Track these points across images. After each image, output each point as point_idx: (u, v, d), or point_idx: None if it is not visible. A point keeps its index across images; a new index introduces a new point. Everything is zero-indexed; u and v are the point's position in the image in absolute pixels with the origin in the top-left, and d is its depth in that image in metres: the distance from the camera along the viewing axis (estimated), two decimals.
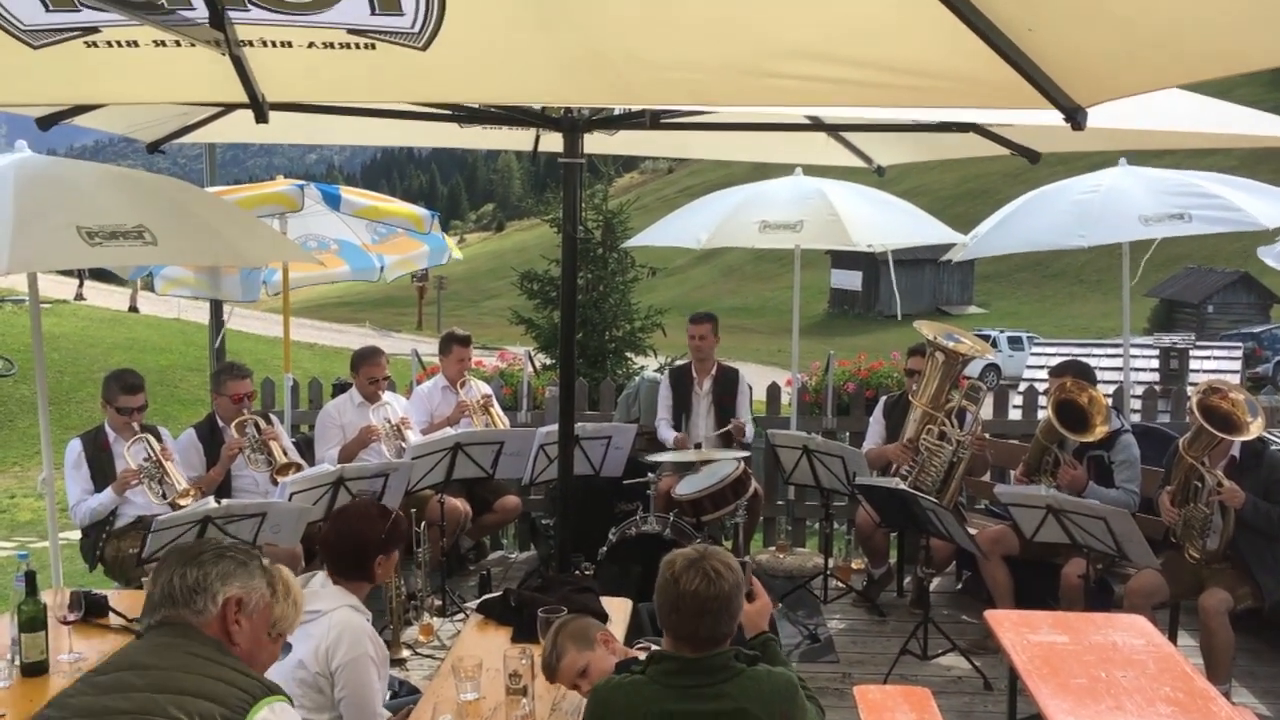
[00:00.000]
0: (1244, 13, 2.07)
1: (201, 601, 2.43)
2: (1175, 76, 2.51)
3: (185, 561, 2.48)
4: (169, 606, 2.42)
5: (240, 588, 2.48)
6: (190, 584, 2.44)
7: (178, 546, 2.62)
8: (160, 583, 2.46)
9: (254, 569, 2.55)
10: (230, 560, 2.51)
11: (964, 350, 6.21)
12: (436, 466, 6.03)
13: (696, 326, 7.13)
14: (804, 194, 7.00)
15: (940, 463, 6.14)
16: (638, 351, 13.22)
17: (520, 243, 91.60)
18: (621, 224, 13.57)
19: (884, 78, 2.64)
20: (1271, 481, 5.08)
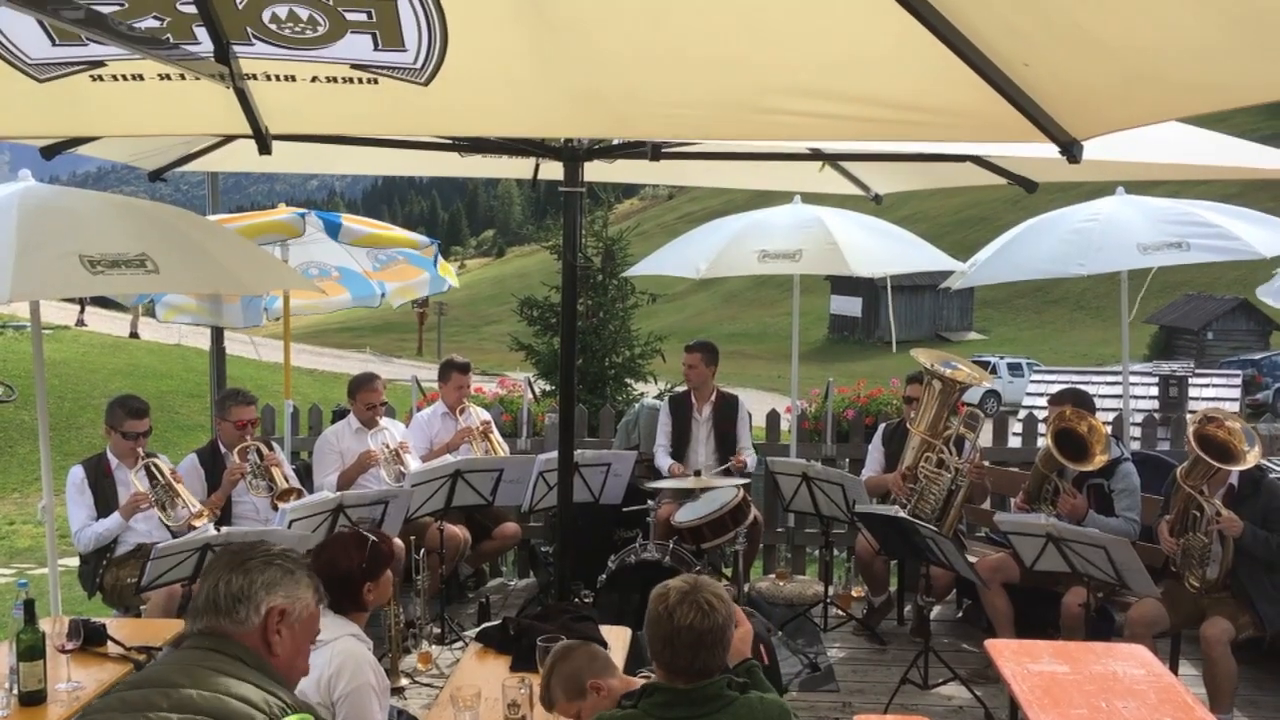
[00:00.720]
0: (1237, 49, 2.10)
1: (244, 611, 2.40)
2: (1169, 111, 2.53)
3: (232, 567, 2.45)
4: (212, 614, 2.40)
5: (285, 597, 2.45)
6: (234, 592, 2.41)
7: (228, 549, 2.58)
8: (206, 588, 2.44)
9: (300, 578, 2.52)
10: (277, 568, 2.48)
11: (961, 378, 6.22)
12: (436, 494, 6.03)
13: (687, 355, 7.19)
14: (803, 222, 7.03)
15: (939, 490, 6.14)
16: (637, 378, 13.23)
17: (521, 269, 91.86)
18: (622, 251, 13.61)
19: (882, 113, 2.67)
20: (1270, 509, 5.09)
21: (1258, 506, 5.09)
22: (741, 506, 6.27)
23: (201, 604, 2.41)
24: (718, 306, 71.23)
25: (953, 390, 6.21)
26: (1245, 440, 5.01)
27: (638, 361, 13.23)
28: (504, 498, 6.38)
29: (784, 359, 44.37)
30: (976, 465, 6.22)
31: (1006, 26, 2.24)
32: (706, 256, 7.03)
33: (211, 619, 2.39)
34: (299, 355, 30.70)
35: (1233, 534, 5.01)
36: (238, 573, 2.43)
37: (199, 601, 2.42)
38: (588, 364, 12.52)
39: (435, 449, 6.90)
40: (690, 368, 7.15)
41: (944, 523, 6.10)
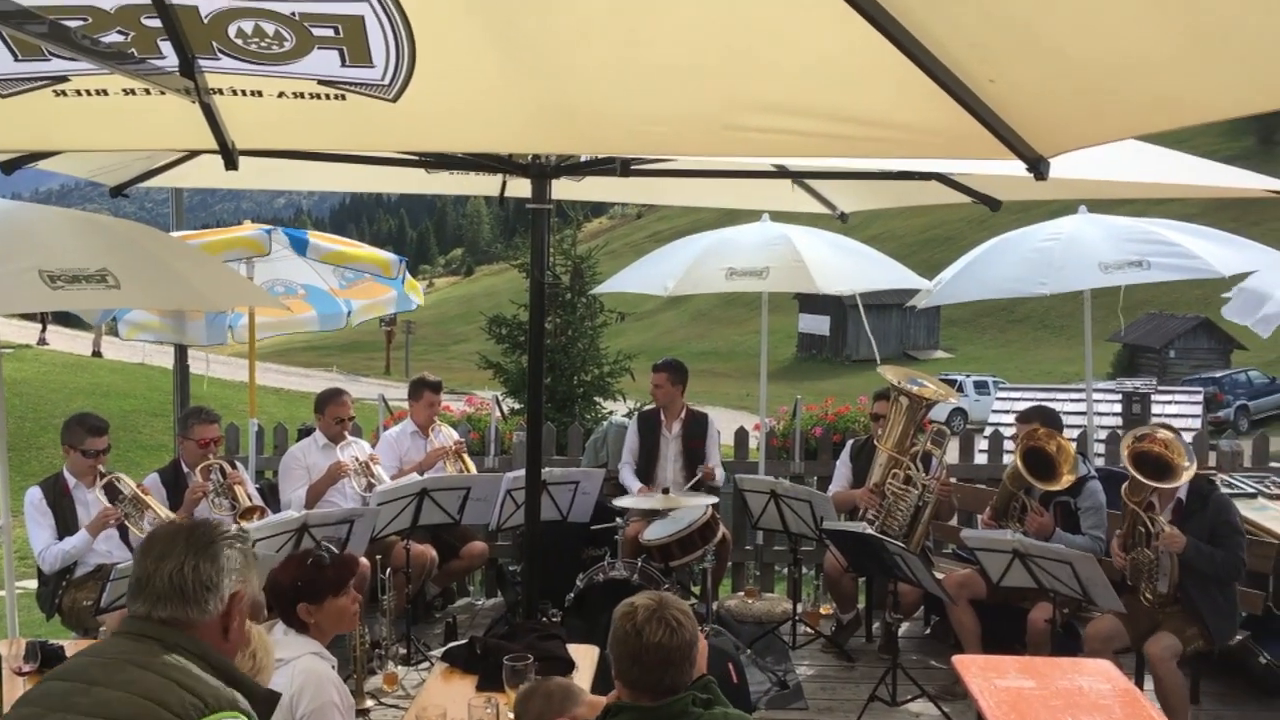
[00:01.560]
0: (1200, 65, 2.12)
1: (212, 601, 2.26)
2: (1135, 127, 2.56)
3: (199, 551, 2.27)
4: (177, 602, 2.22)
5: (241, 581, 2.33)
6: (205, 580, 2.25)
7: (183, 526, 2.38)
8: (168, 570, 2.24)
9: (250, 559, 2.39)
10: (238, 551, 2.35)
11: (928, 395, 6.25)
12: (402, 512, 5.99)
13: (654, 375, 7.22)
14: (770, 240, 7.06)
15: (906, 507, 6.16)
16: (606, 396, 13.20)
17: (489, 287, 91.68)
18: (590, 269, 13.60)
19: (848, 129, 2.68)
20: (1217, 523, 5.11)
21: (1205, 521, 5.12)
22: (710, 524, 6.26)
23: (164, 589, 2.23)
24: (686, 325, 71.35)
25: (920, 407, 6.24)
26: (1183, 454, 5.05)
27: (606, 380, 13.20)
28: (471, 516, 6.34)
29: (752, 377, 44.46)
30: (944, 482, 6.25)
31: (972, 43, 2.27)
32: (674, 273, 7.05)
33: (176, 608, 2.22)
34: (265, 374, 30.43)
35: (1174, 550, 5.05)
36: (206, 559, 2.27)
37: (158, 584, 2.23)
38: (556, 382, 12.49)
39: (405, 468, 6.86)
40: (656, 387, 7.17)
41: (911, 539, 6.12)
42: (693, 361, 7.97)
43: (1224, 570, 5.06)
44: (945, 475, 6.33)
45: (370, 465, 6.52)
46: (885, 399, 6.54)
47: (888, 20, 2.23)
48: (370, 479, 6.45)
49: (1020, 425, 5.88)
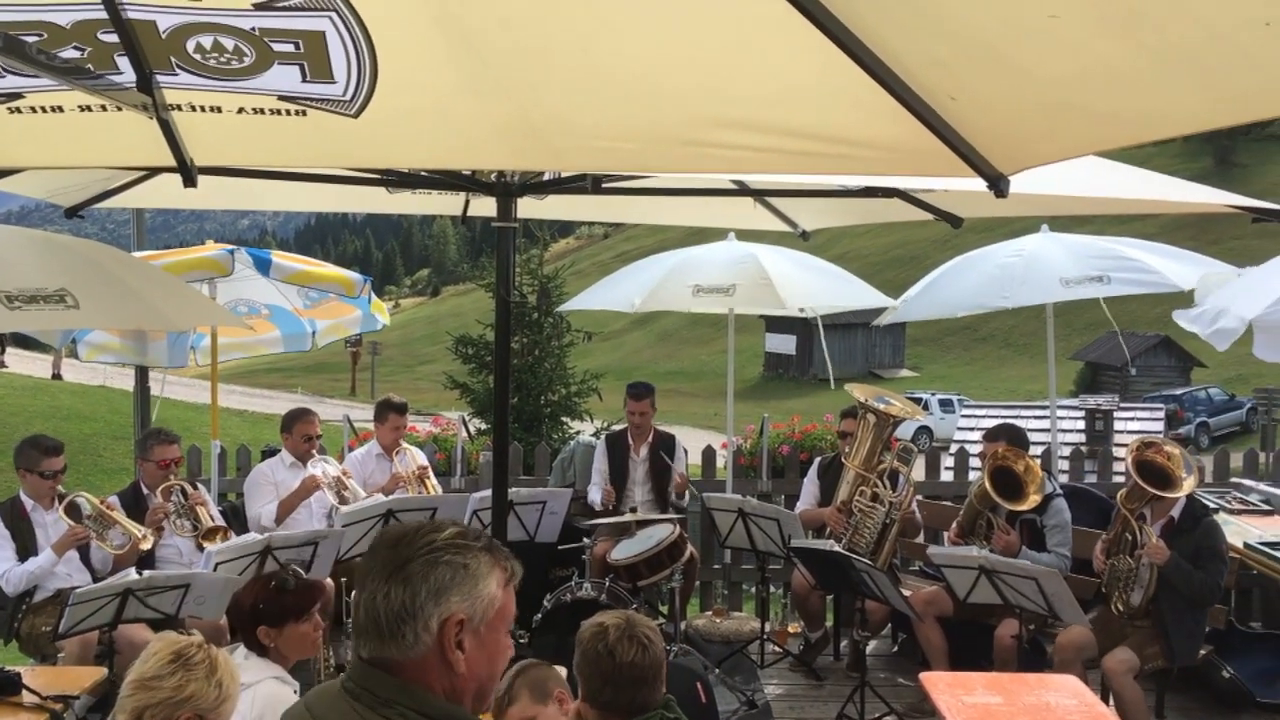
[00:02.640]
0: (1160, 79, 2.14)
1: (411, 633, 1.86)
2: (1095, 142, 2.58)
3: (390, 574, 1.89)
4: (375, 639, 1.88)
5: (461, 601, 1.88)
6: (396, 609, 1.87)
7: (383, 540, 1.97)
8: (363, 601, 1.91)
9: (477, 568, 1.92)
10: (445, 566, 1.90)
11: (895, 412, 6.27)
12: (368, 533, 5.92)
13: (636, 403, 7.13)
14: (736, 258, 7.08)
15: (874, 524, 6.17)
16: (573, 416, 13.21)
17: (456, 307, 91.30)
18: (557, 288, 13.62)
19: (809, 146, 2.69)
20: (1202, 546, 5.15)
21: (1192, 541, 5.15)
22: (678, 543, 6.24)
23: (362, 623, 1.91)
24: (654, 345, 71.41)
25: (887, 425, 6.26)
26: (1183, 467, 5.10)
27: (574, 400, 13.22)
28: None
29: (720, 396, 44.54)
30: (905, 511, 6.24)
31: (931, 59, 2.28)
32: (642, 290, 7.06)
33: (376, 645, 1.88)
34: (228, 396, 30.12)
35: (1157, 561, 5.08)
36: (397, 583, 1.88)
37: (359, 619, 1.92)
38: (523, 402, 12.47)
39: (369, 491, 6.79)
40: (641, 415, 7.12)
41: (879, 556, 6.12)
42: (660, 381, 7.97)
43: (1200, 592, 5.09)
44: (911, 493, 6.35)
45: (344, 480, 6.48)
46: (853, 417, 6.56)
47: (848, 37, 2.24)
48: (346, 492, 6.40)
49: (987, 443, 5.91)
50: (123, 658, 4.68)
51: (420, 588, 1.87)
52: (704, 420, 39.65)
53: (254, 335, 7.82)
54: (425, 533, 1.93)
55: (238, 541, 5.43)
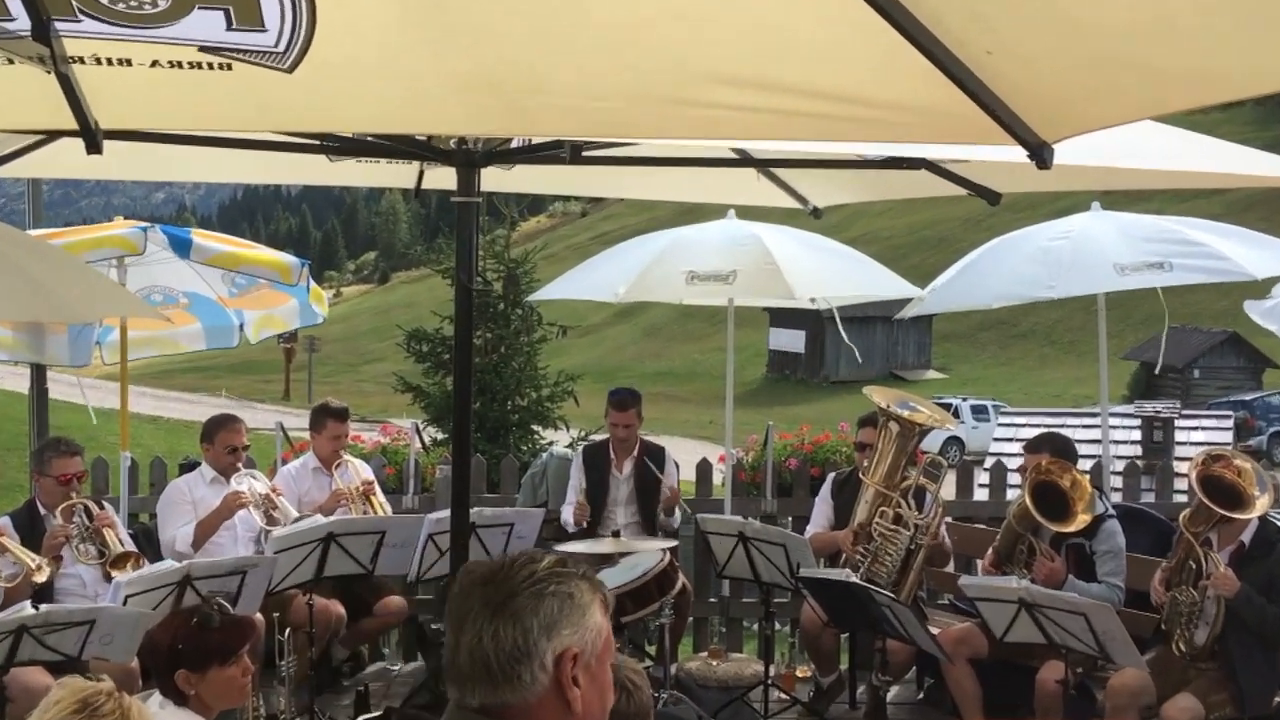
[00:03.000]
0: (1237, 28, 2.11)
1: (528, 673, 1.96)
2: (1156, 105, 2.58)
3: (496, 612, 1.98)
4: (485, 684, 1.97)
5: (572, 633, 2.00)
6: (508, 649, 1.96)
7: (472, 577, 2.07)
8: (465, 644, 1.99)
9: (581, 598, 2.04)
10: (552, 598, 2.01)
11: (922, 420, 6.28)
12: (305, 561, 5.91)
13: (620, 414, 7.11)
14: (737, 240, 7.08)
15: (896, 551, 6.18)
16: (545, 424, 13.18)
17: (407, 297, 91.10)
18: (526, 275, 13.59)
19: (821, 107, 2.68)
20: (1277, 576, 5.14)
21: (1264, 570, 5.14)
22: (667, 573, 6.24)
23: (465, 668, 1.99)
24: (639, 341, 71.52)
25: (912, 434, 6.27)
26: (1256, 484, 5.09)
27: (546, 405, 13.19)
28: (387, 565, 6.28)
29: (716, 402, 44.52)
30: (934, 535, 6.25)
31: (966, 8, 2.27)
32: (627, 277, 7.05)
33: (487, 690, 1.98)
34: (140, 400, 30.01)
35: (1225, 593, 5.09)
36: (505, 620, 1.97)
37: (461, 664, 2.00)
38: (486, 407, 12.45)
39: (305, 510, 6.77)
40: (626, 427, 7.11)
41: (902, 588, 6.13)
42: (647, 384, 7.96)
43: (1275, 629, 5.09)
44: (940, 515, 6.36)
45: (272, 498, 6.46)
46: (872, 425, 6.57)
47: None
48: (275, 512, 6.38)
49: (1028, 455, 5.92)
50: (16, 706, 4.65)
51: (531, 623, 1.96)
52: (698, 429, 39.70)
53: (171, 328, 7.79)
54: (521, 564, 2.04)
55: (152, 570, 5.40)
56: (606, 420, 7.26)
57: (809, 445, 8.45)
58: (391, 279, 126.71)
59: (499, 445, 12.12)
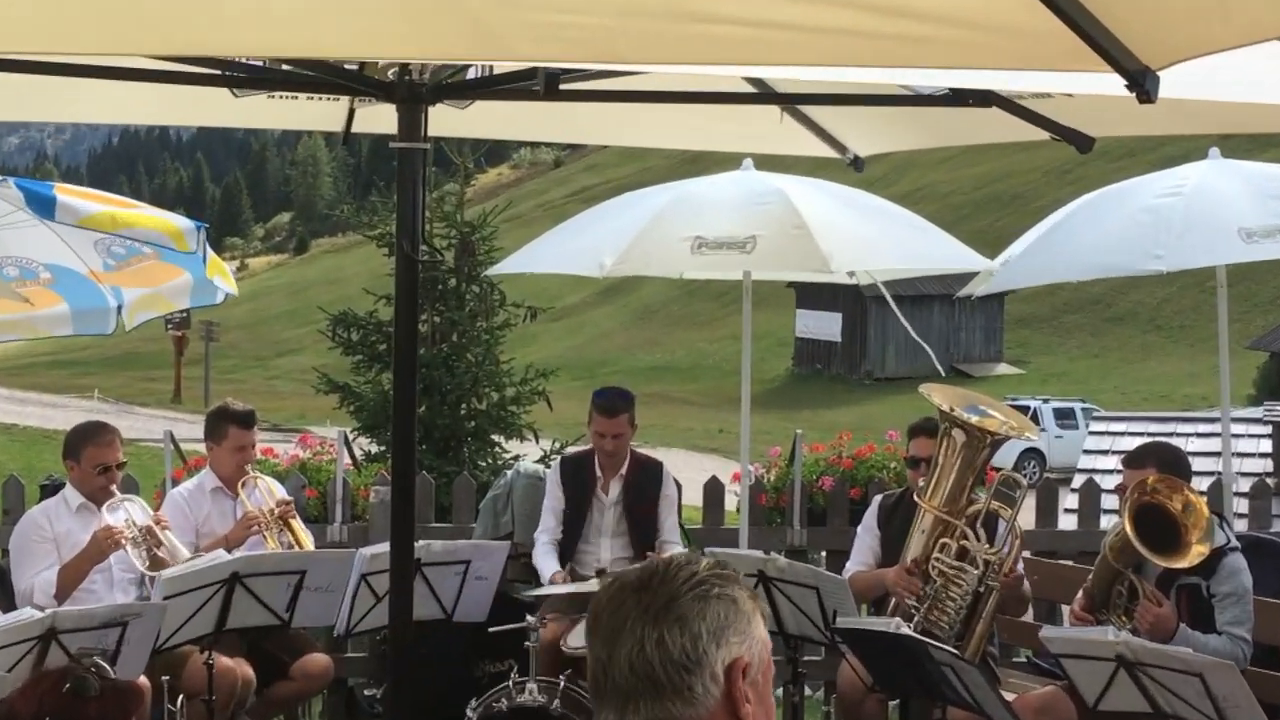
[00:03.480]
0: None
1: (699, 682, 2.08)
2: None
3: (656, 615, 2.11)
4: (650, 695, 2.09)
5: (740, 641, 2.13)
6: (676, 655, 2.08)
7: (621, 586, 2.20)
8: (624, 654, 2.11)
9: (744, 601, 2.19)
10: (718, 601, 2.15)
11: (994, 428, 6.29)
12: (202, 610, 5.91)
13: (608, 421, 7.06)
14: (756, 196, 7.08)
15: (960, 594, 6.19)
16: (509, 433, 13.17)
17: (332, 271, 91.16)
18: (485, 242, 13.57)
19: (864, 23, 2.68)
20: None
21: None
22: None
23: (625, 683, 2.11)
24: (630, 326, 71.57)
25: (981, 446, 6.27)
26: None
27: (510, 409, 13.18)
28: (307, 614, 6.28)
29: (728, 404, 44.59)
30: (1009, 571, 6.25)
31: None
32: (614, 245, 7.04)
33: (653, 705, 2.09)
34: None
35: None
36: (669, 625, 2.10)
37: (618, 679, 2.11)
38: (434, 412, 12.44)
39: (205, 544, 6.77)
40: (614, 438, 7.07)
41: (968, 642, 6.14)
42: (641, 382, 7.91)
43: None
44: (1017, 548, 6.36)
45: (156, 531, 6.44)
46: (930, 434, 6.57)
47: None
48: (159, 550, 6.37)
49: (1128, 472, 5.92)
50: None
51: (699, 628, 2.10)
52: (705, 439, 39.81)
53: (28, 310, 7.76)
54: (678, 566, 2.19)
55: (7, 621, 5.41)
56: (590, 429, 7.24)
57: (848, 460, 8.44)
58: (311, 247, 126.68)
59: (450, 461, 12.11)
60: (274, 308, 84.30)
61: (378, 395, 12.86)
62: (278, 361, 66.35)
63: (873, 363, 56.28)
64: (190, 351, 52.14)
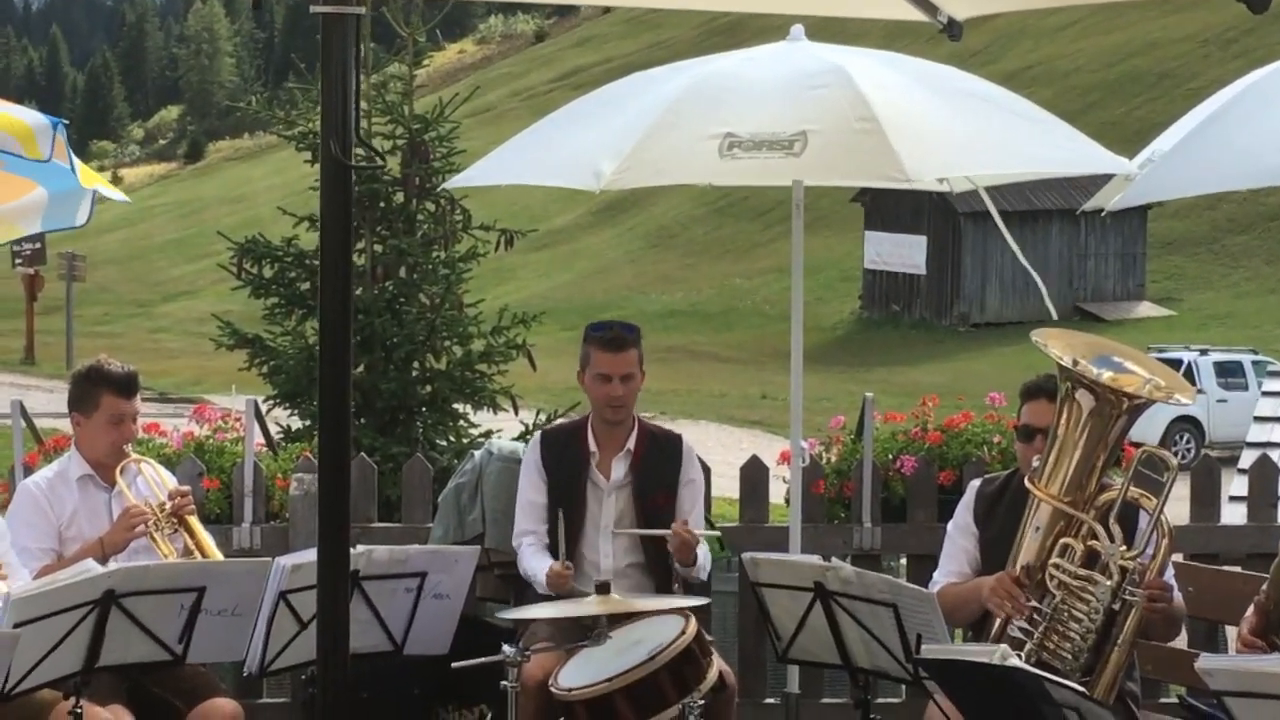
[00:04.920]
0: None
1: None
2: None
3: None
4: None
5: None
6: None
7: None
8: None
9: None
10: None
11: (1133, 388, 6.29)
12: (67, 641, 5.94)
13: (614, 356, 7.11)
14: (808, 78, 7.09)
15: (1088, 613, 6.21)
16: (478, 401, 13.19)
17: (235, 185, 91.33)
18: (442, 143, 13.56)
19: None
20: None
21: None
22: (689, 657, 6.28)
23: None
24: (636, 255, 71.47)
25: (1115, 413, 6.27)
26: None
27: (478, 370, 13.19)
28: (208, 647, 6.31)
29: (773, 361, 44.63)
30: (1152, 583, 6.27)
31: None
32: (616, 148, 7.04)
33: None
34: None
35: None
36: None
37: None
38: (377, 374, 12.47)
39: (69, 555, 6.80)
40: (625, 381, 7.11)
41: (1099, 677, 6.17)
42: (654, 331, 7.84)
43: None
44: (1164, 552, 6.37)
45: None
46: (1047, 397, 6.57)
47: None
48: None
49: None
50: None
51: None
52: (743, 408, 39.89)
53: None
54: None
55: None
56: (584, 377, 7.21)
57: (935, 433, 8.44)
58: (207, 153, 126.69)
59: (399, 439, 12.15)
60: (159, 235, 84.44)
61: (299, 351, 12.86)
62: (165, 308, 66.46)
63: (969, 303, 56.20)
64: (47, 296, 52.21)
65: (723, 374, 46.95)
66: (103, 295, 65.22)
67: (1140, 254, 59.71)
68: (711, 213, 67.58)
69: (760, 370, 45.62)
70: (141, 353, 46.98)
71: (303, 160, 13.35)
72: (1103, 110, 60.20)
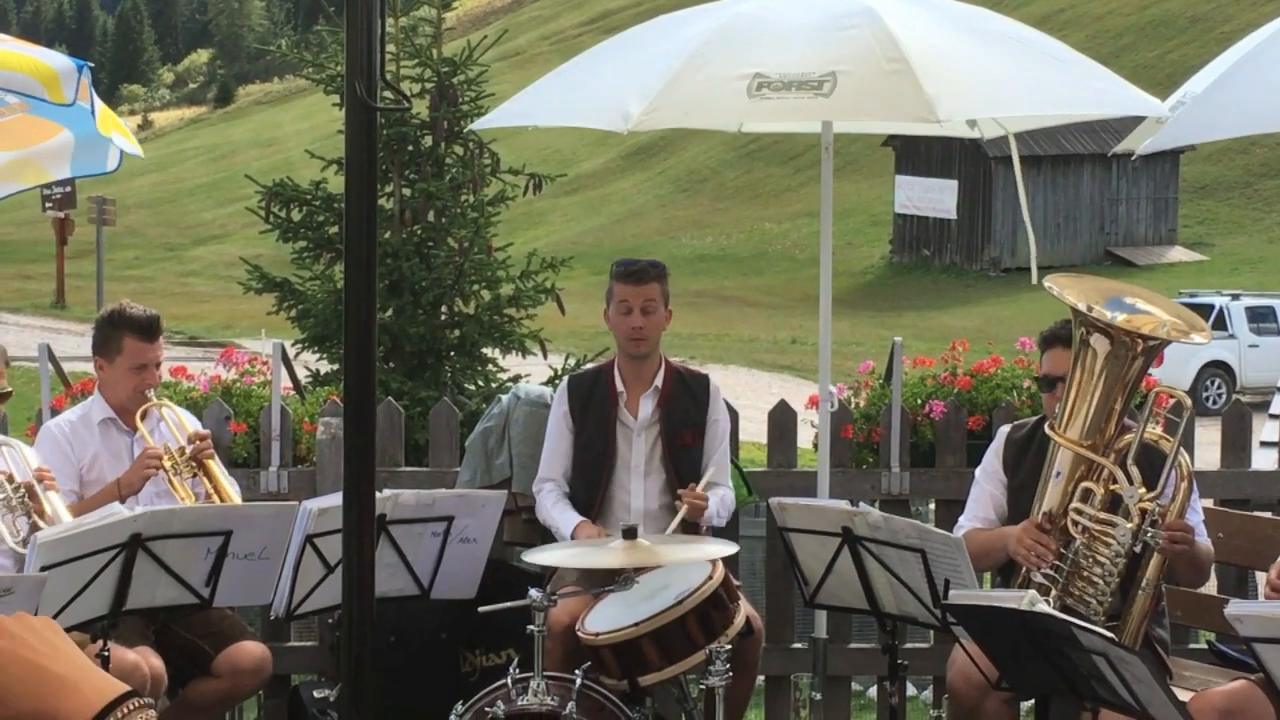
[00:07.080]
0: None
1: None
2: None
3: None
4: None
5: None
6: None
7: None
8: None
9: None
10: None
11: (1148, 329, 6.25)
12: (94, 584, 5.95)
13: (634, 288, 7.12)
14: (837, 18, 7.06)
15: (1111, 557, 6.19)
16: (506, 345, 13.19)
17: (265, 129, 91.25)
18: (471, 86, 13.53)
19: None
20: None
21: None
22: (719, 600, 6.27)
23: None
24: (666, 200, 71.36)
25: (1132, 354, 6.24)
26: None
27: (506, 314, 13.19)
28: (234, 591, 6.33)
29: (802, 305, 44.63)
30: (1172, 524, 6.24)
31: None
32: (644, 90, 7.02)
33: None
34: None
35: None
36: None
37: None
38: (405, 318, 12.47)
39: (88, 498, 6.82)
40: (645, 311, 7.09)
41: (1126, 623, 6.15)
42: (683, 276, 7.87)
43: None
44: (1184, 495, 6.34)
45: (36, 489, 6.47)
46: (1062, 344, 6.55)
47: None
48: (33, 516, 6.41)
49: None
50: None
51: None
52: (772, 353, 39.81)
53: None
54: None
55: None
56: (608, 310, 7.20)
57: (965, 378, 8.41)
58: (237, 97, 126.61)
59: (427, 383, 12.15)
60: (189, 179, 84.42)
61: (328, 295, 12.87)
62: (195, 252, 66.49)
63: (1000, 248, 55.95)
64: (77, 240, 52.22)
65: (752, 318, 46.87)
66: (133, 239, 65.33)
67: (1172, 198, 59.42)
68: (742, 157, 67.39)
69: (790, 315, 45.60)
70: (172, 297, 47.04)
71: (332, 104, 13.30)
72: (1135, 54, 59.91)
